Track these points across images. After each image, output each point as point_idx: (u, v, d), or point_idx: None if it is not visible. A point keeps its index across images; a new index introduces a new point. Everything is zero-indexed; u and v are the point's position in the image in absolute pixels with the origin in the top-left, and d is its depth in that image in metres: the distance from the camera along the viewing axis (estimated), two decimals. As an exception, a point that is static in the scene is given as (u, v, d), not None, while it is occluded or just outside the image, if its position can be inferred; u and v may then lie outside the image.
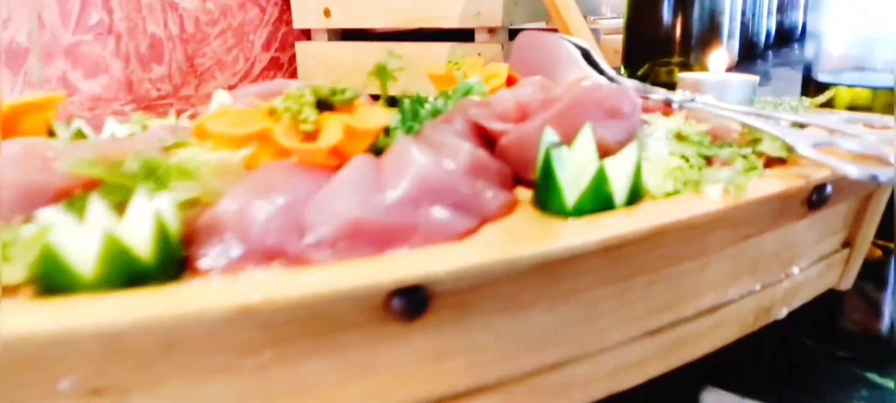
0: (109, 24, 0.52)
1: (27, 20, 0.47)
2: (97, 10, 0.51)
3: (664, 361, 0.24)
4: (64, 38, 0.50)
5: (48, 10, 0.48)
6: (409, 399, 0.19)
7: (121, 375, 0.16)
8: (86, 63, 0.51)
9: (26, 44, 0.47)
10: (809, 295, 0.28)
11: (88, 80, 0.51)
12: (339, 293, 0.16)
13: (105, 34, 0.52)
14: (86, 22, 0.51)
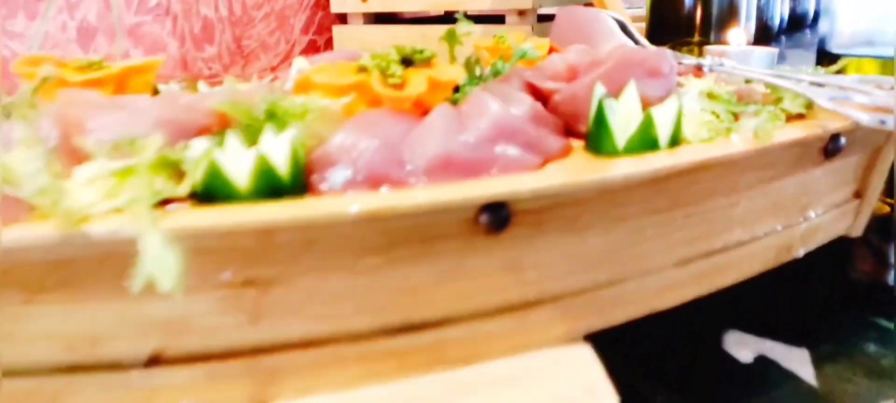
0: (167, 6, 0.56)
1: (96, 2, 0.51)
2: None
3: (697, 286, 0.27)
4: (127, 19, 0.54)
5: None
6: (488, 303, 0.23)
7: (268, 269, 0.20)
8: (146, 42, 0.55)
9: (96, 23, 0.51)
10: (824, 238, 0.32)
11: (148, 58, 0.55)
12: (440, 205, 0.20)
13: (163, 15, 0.56)
14: (146, 4, 0.55)
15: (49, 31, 0.49)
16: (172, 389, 0.20)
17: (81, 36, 0.51)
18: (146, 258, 0.16)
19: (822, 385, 0.34)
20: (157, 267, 0.16)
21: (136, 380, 0.20)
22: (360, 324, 0.21)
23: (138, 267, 0.16)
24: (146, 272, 0.16)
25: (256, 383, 0.21)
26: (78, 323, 0.19)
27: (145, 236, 0.16)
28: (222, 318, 0.20)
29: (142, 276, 0.16)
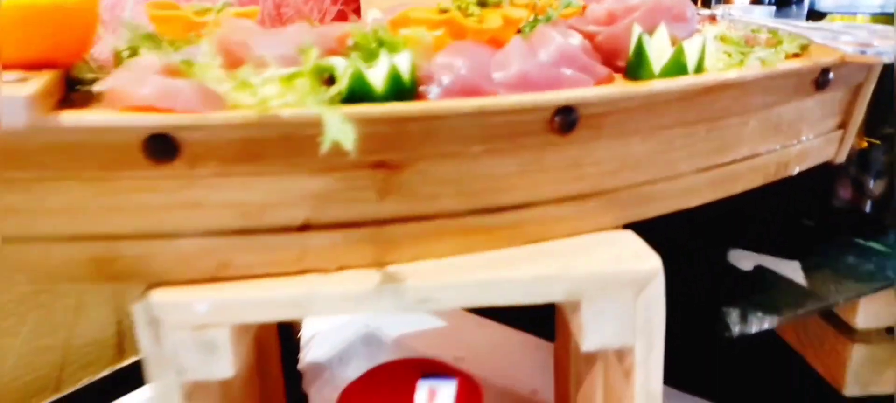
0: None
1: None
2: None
3: (713, 191, 0.33)
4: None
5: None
6: (556, 193, 0.29)
7: (396, 154, 0.25)
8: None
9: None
10: (815, 161, 0.38)
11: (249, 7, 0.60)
12: (527, 105, 0.26)
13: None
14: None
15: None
16: (318, 249, 0.26)
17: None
18: (330, 129, 0.22)
19: (811, 285, 0.40)
20: (339, 135, 0.22)
21: (291, 241, 0.26)
22: (461, 205, 0.27)
23: (325, 136, 0.22)
24: (331, 138, 0.22)
25: (379, 248, 0.27)
26: (254, 193, 0.25)
27: (328, 114, 0.22)
28: (357, 194, 0.26)
29: (329, 141, 0.22)
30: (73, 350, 0.53)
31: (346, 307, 0.26)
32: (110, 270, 0.25)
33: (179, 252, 0.25)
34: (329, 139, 0.22)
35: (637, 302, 0.26)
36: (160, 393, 0.25)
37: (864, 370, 0.49)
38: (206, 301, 0.25)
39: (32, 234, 0.24)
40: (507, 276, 0.26)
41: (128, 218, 0.24)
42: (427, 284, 0.26)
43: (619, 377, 0.29)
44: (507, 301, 0.26)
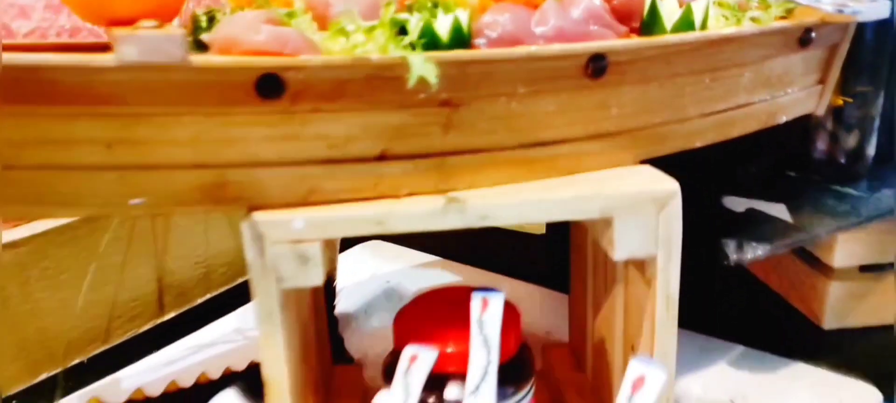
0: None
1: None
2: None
3: (715, 134, 0.38)
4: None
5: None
6: (586, 131, 0.33)
7: (458, 93, 0.30)
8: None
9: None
10: (799, 111, 0.43)
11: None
12: (567, 52, 0.31)
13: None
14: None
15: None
16: (391, 176, 0.31)
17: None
18: (415, 68, 0.26)
19: (796, 222, 0.46)
20: (424, 71, 0.26)
21: (369, 170, 0.30)
22: (509, 140, 0.32)
23: (411, 74, 0.26)
24: (417, 74, 0.26)
25: (441, 176, 0.31)
26: (340, 127, 0.29)
27: (412, 56, 0.27)
28: (425, 128, 0.30)
29: (414, 77, 0.26)
30: (120, 305, 0.57)
31: (418, 223, 0.30)
32: (219, 195, 0.29)
33: (277, 179, 0.30)
34: (415, 75, 0.26)
35: (659, 218, 0.31)
36: (262, 299, 0.30)
37: (840, 305, 0.55)
38: (302, 219, 0.29)
39: (157, 163, 0.28)
40: (552, 197, 0.31)
41: (236, 149, 0.29)
42: (486, 203, 0.31)
43: (640, 287, 0.34)
44: (552, 217, 0.31)
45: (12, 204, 0.29)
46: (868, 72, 0.51)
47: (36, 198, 0.28)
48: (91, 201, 0.29)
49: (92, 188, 0.28)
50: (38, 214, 0.35)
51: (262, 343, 0.31)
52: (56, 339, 0.52)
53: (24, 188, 0.28)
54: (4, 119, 0.26)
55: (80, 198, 0.28)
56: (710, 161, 0.44)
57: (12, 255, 0.49)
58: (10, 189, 0.28)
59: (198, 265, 0.63)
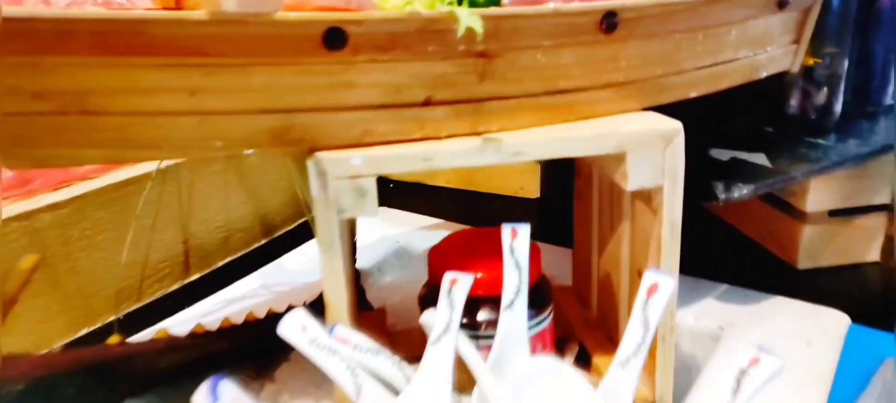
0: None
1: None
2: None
3: (706, 86, 0.43)
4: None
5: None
6: (599, 81, 0.38)
7: (492, 45, 0.34)
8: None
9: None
10: (778, 68, 0.48)
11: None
12: (586, 9, 0.35)
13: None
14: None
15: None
16: (434, 120, 0.35)
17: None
18: (464, 20, 0.31)
19: (775, 167, 0.51)
20: (471, 22, 0.31)
21: (415, 114, 0.35)
22: (536, 88, 0.36)
23: (460, 26, 0.31)
24: (465, 25, 0.31)
25: (477, 120, 0.36)
26: (392, 76, 0.33)
27: (460, 11, 0.31)
28: (464, 77, 0.35)
29: (463, 28, 0.31)
30: (151, 265, 0.60)
31: (461, 160, 0.35)
32: (285, 137, 0.33)
33: (336, 122, 0.34)
34: (463, 26, 0.31)
35: (665, 152, 0.36)
36: (324, 229, 0.34)
37: (812, 246, 0.61)
38: (360, 156, 0.33)
39: (233, 108, 0.32)
40: (575, 135, 0.36)
41: (302, 96, 0.33)
42: (518, 142, 0.35)
43: (647, 217, 0.39)
44: (575, 153, 0.36)
45: (103, 148, 0.32)
46: (834, 35, 0.56)
47: (125, 143, 0.32)
48: (173, 144, 0.32)
49: (175, 132, 0.32)
50: (127, 158, 0.38)
51: (323, 269, 0.35)
52: (95, 296, 0.55)
53: (115, 133, 0.31)
54: (100, 70, 0.30)
55: (165, 141, 0.32)
56: (697, 118, 0.49)
57: (54, 217, 0.52)
58: (102, 134, 0.31)
59: (218, 229, 0.67)
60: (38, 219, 0.51)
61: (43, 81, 0.30)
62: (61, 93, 0.30)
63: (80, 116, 0.31)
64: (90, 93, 0.30)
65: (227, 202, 0.67)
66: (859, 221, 0.60)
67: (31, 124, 0.30)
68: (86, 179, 0.55)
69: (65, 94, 0.30)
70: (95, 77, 0.30)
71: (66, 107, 0.30)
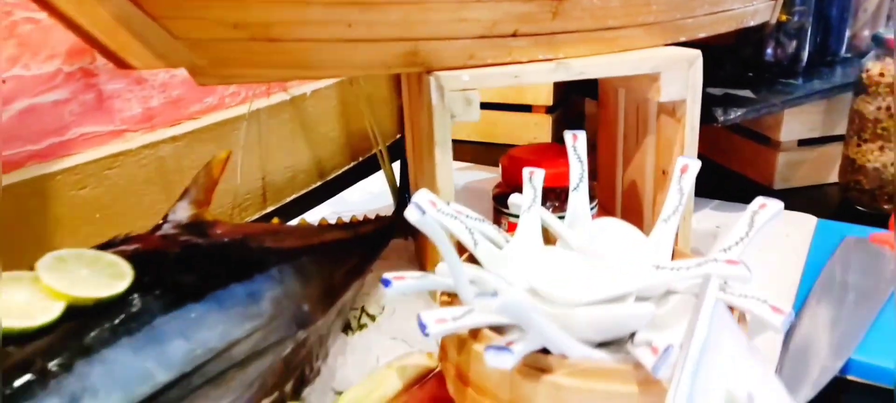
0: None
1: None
2: None
3: (711, 29, 0.55)
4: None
5: None
6: (636, 21, 0.49)
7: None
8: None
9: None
10: (760, 19, 0.61)
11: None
12: (629, -34, 0.47)
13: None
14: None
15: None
16: (519, 48, 0.46)
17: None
18: (551, -32, 0.42)
19: (758, 98, 0.63)
20: (558, -30, 0.42)
21: (505, 42, 0.45)
22: (593, 25, 0.47)
23: (549, -29, 0.42)
24: (553, -28, 0.42)
25: (550, 48, 0.47)
26: (491, 13, 0.44)
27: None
28: (542, 15, 0.46)
29: (552, -26, 0.42)
30: (239, 195, 0.70)
31: (539, 78, 0.46)
32: (412, 61, 0.44)
33: (449, 48, 0.44)
34: (553, -27, 0.42)
35: (689, 73, 0.48)
36: (440, 131, 0.45)
37: (785, 170, 0.73)
38: (468, 74, 0.44)
39: (378, 37, 0.42)
40: (622, 58, 0.47)
41: (427, 28, 0.43)
42: (581, 64, 0.46)
43: (671, 126, 0.51)
44: (624, 72, 0.47)
45: (279, 68, 0.42)
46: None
47: (296, 64, 0.42)
48: (332, 65, 0.43)
49: (335, 56, 0.42)
50: (297, 76, 0.48)
51: (438, 161, 0.46)
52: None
53: (289, 56, 0.42)
54: (283, 6, 0.40)
55: (326, 62, 0.43)
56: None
57: (172, 147, 0.61)
58: (280, 57, 0.42)
59: (287, 169, 0.77)
60: (161, 148, 0.60)
61: (241, 14, 0.40)
62: (253, 24, 0.40)
63: (266, 43, 0.41)
64: (274, 25, 0.40)
65: (293, 147, 0.77)
66: (822, 149, 0.73)
67: (228, 49, 0.41)
68: (193, 119, 0.64)
69: (256, 25, 0.40)
70: (279, 12, 0.40)
71: (255, 35, 0.41)
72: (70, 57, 0.52)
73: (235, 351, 0.34)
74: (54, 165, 0.52)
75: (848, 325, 0.43)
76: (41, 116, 0.51)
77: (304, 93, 0.78)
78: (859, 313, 0.44)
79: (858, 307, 0.45)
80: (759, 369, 0.27)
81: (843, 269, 0.51)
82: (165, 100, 0.61)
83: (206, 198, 0.42)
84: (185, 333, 0.32)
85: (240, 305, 0.35)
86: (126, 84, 0.57)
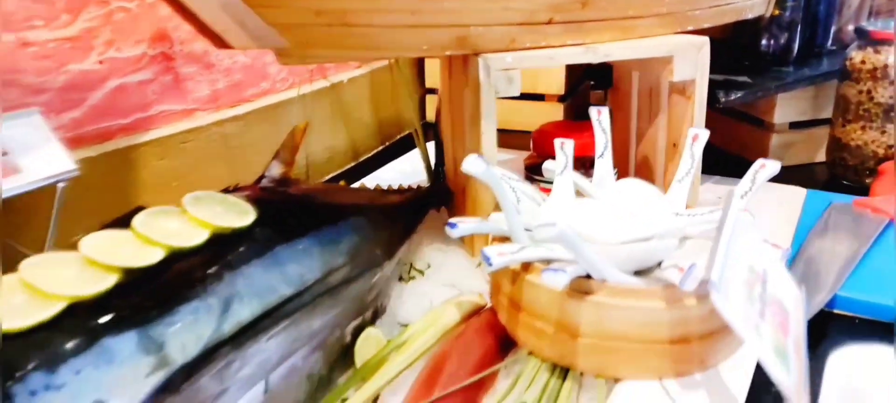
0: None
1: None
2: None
3: (715, 19, 0.62)
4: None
5: None
6: (651, 12, 0.56)
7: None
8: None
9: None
10: (756, 12, 0.68)
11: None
12: (647, -36, 0.54)
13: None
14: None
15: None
16: (554, 34, 0.53)
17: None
18: (584, -35, 0.49)
19: (755, 84, 0.71)
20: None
21: (541, 29, 0.52)
22: (614, 14, 0.55)
23: (582, -32, 0.49)
24: (586, -32, 0.49)
25: (579, 35, 0.54)
26: (530, 4, 0.51)
27: (581, -42, 0.49)
28: (572, 6, 0.53)
29: (585, -30, 0.49)
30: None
31: (572, 59, 0.53)
32: (463, 44, 0.51)
33: (494, 34, 0.51)
34: (586, -32, 0.49)
35: (698, 56, 0.55)
36: (486, 104, 0.52)
37: (778, 150, 0.81)
38: (511, 56, 0.51)
39: (435, 23, 0.49)
40: (641, 43, 0.54)
41: (475, 16, 0.50)
42: (606, 48, 0.53)
43: (681, 104, 0.58)
44: (642, 55, 0.54)
45: (352, 49, 0.49)
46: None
47: (366, 46, 0.49)
48: (398, 47, 0.50)
49: (400, 39, 0.49)
50: (366, 57, 0.55)
51: (483, 129, 0.53)
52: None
53: (361, 40, 0.49)
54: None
55: (393, 45, 0.49)
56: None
57: (235, 125, 0.68)
58: (353, 40, 0.48)
59: (326, 150, 0.83)
60: (225, 126, 0.67)
61: (323, 3, 0.46)
62: (332, 12, 0.47)
63: (341, 27, 0.48)
64: (349, 12, 0.47)
65: (332, 129, 0.84)
66: (811, 131, 0.81)
67: (310, 33, 0.47)
68: (249, 101, 0.71)
69: (334, 12, 0.47)
70: (355, 1, 0.47)
71: (333, 21, 0.47)
72: (153, 42, 0.59)
73: (331, 279, 0.40)
74: (140, 137, 0.58)
75: (835, 268, 0.51)
76: (129, 94, 0.58)
77: (341, 80, 0.84)
78: (844, 259, 0.52)
79: (843, 255, 0.53)
80: (770, 254, 0.35)
81: (830, 227, 0.58)
82: (229, 83, 0.68)
83: (290, 159, 0.48)
84: (297, 260, 0.39)
85: (331, 244, 0.42)
86: (197, 68, 0.64)
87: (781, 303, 0.36)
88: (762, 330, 0.33)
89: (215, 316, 0.32)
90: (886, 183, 0.65)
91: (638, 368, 0.40)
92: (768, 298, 0.36)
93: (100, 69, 0.55)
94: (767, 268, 0.35)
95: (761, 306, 0.35)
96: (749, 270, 0.33)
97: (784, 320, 0.36)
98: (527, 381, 0.41)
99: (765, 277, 0.34)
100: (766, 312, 0.34)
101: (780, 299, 0.37)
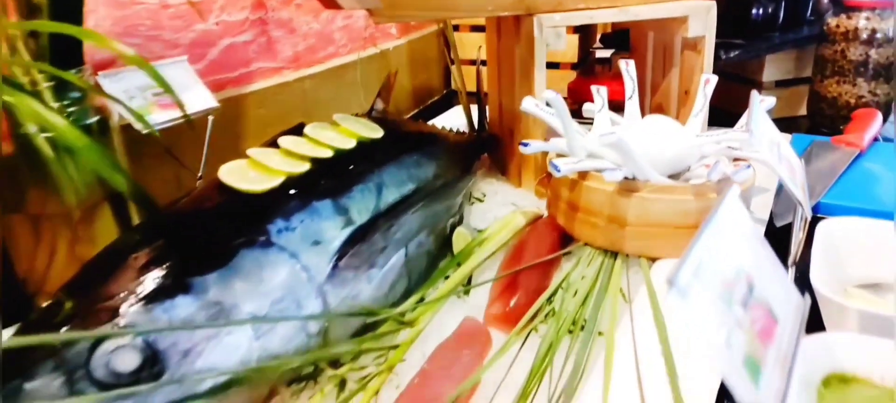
0: None
1: None
2: None
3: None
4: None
5: None
6: (668, -19, 0.68)
7: None
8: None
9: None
10: (750, -16, 0.80)
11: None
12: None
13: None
14: None
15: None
16: None
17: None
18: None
19: (747, 45, 0.83)
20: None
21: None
22: (639, -18, 0.66)
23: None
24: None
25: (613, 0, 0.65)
26: (575, -27, 0.62)
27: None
28: (607, -24, 0.64)
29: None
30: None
31: (607, 18, 0.64)
32: (522, 5, 0.62)
33: None
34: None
35: (707, 15, 0.67)
36: (539, 54, 0.63)
37: (766, 105, 0.93)
38: (559, 16, 0.63)
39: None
40: (664, 7, 0.66)
41: (533, -18, 0.61)
42: (636, 10, 0.65)
43: (692, 58, 0.70)
44: (663, 15, 0.66)
45: (431, 10, 0.60)
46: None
47: (442, 8, 0.60)
48: (468, 8, 0.61)
49: (470, 1, 0.60)
50: (442, 17, 0.65)
51: (536, 76, 0.64)
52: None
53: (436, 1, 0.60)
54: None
55: (464, 5, 0.60)
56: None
57: (311, 82, 0.78)
58: (431, 2, 0.59)
59: (377, 108, 0.94)
60: (304, 83, 0.77)
61: (413, -28, 0.57)
62: (419, -22, 0.58)
63: (425, -9, 0.59)
64: (432, -22, 0.58)
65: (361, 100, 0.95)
66: (795, 88, 0.93)
67: (401, -5, 0.58)
68: (321, 63, 0.82)
69: (420, -22, 0.58)
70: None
71: (419, -14, 0.58)
72: (254, 8, 0.69)
73: (428, 187, 0.52)
74: (244, 89, 0.69)
75: (817, 184, 0.63)
76: (236, 52, 0.68)
77: (388, 48, 0.95)
78: (825, 176, 0.64)
79: (825, 173, 0.65)
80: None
81: (813, 157, 0.70)
82: (306, 46, 0.79)
83: (387, 98, 0.59)
84: (409, 169, 0.50)
85: (431, 158, 0.53)
86: (283, 32, 0.74)
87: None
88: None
89: (374, 195, 0.43)
90: (858, 124, 0.77)
91: (673, 248, 0.52)
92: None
93: (216, 29, 0.65)
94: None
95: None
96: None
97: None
98: (586, 262, 0.53)
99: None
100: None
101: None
